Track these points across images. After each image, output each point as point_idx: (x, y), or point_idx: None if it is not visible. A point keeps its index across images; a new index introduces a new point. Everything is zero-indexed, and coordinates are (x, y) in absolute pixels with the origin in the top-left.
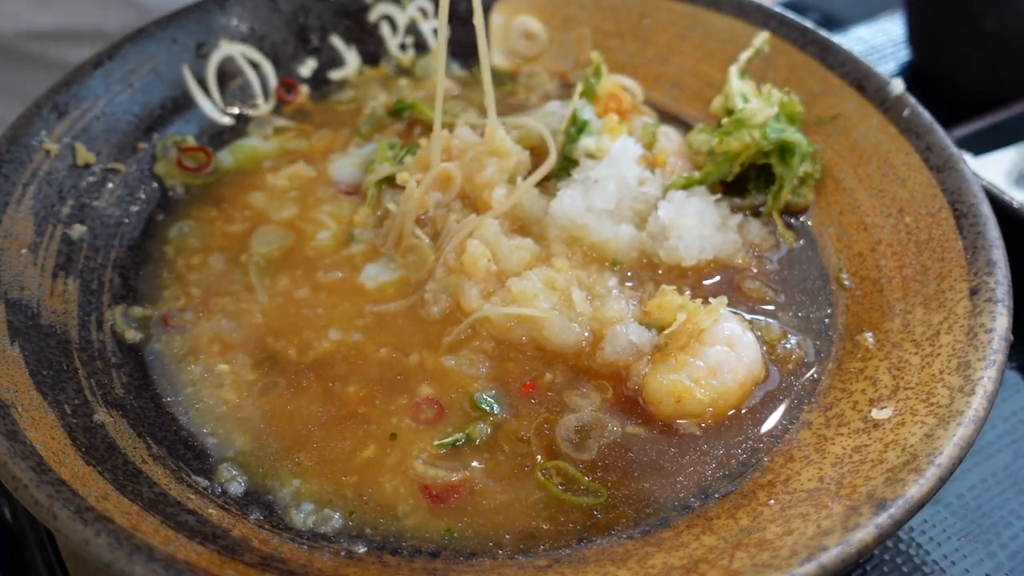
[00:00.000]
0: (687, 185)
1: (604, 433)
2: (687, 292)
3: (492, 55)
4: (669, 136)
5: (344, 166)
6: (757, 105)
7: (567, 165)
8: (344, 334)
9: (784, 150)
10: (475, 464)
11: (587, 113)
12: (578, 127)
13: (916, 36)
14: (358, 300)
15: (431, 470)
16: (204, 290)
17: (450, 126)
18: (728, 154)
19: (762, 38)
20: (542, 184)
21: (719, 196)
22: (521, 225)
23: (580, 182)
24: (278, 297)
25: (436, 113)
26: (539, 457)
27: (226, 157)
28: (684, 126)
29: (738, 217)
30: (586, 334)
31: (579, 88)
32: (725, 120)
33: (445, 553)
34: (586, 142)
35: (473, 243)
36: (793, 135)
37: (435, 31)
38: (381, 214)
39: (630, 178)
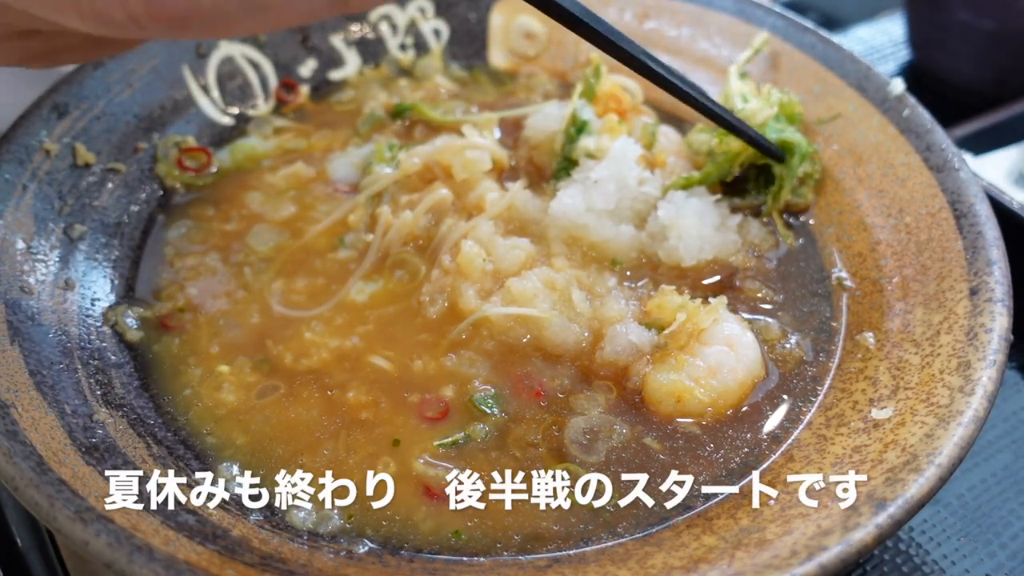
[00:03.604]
0: (687, 185)
1: (612, 435)
2: (687, 292)
3: (492, 55)
4: (669, 136)
5: (343, 166)
6: (757, 105)
7: (567, 165)
8: (343, 337)
9: (784, 150)
10: (480, 465)
11: (587, 113)
12: (578, 127)
13: (916, 36)
14: (355, 303)
15: (432, 470)
16: (202, 290)
17: (453, 124)
18: (728, 154)
19: (762, 38)
20: (536, 185)
21: (719, 196)
22: (519, 226)
23: (580, 182)
24: (274, 298)
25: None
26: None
27: (226, 157)
28: (684, 126)
29: (738, 217)
30: (586, 334)
31: (579, 88)
32: None
33: (445, 553)
34: (586, 142)
35: (468, 243)
36: (793, 135)
37: (435, 31)
38: (367, 226)
39: (630, 178)
